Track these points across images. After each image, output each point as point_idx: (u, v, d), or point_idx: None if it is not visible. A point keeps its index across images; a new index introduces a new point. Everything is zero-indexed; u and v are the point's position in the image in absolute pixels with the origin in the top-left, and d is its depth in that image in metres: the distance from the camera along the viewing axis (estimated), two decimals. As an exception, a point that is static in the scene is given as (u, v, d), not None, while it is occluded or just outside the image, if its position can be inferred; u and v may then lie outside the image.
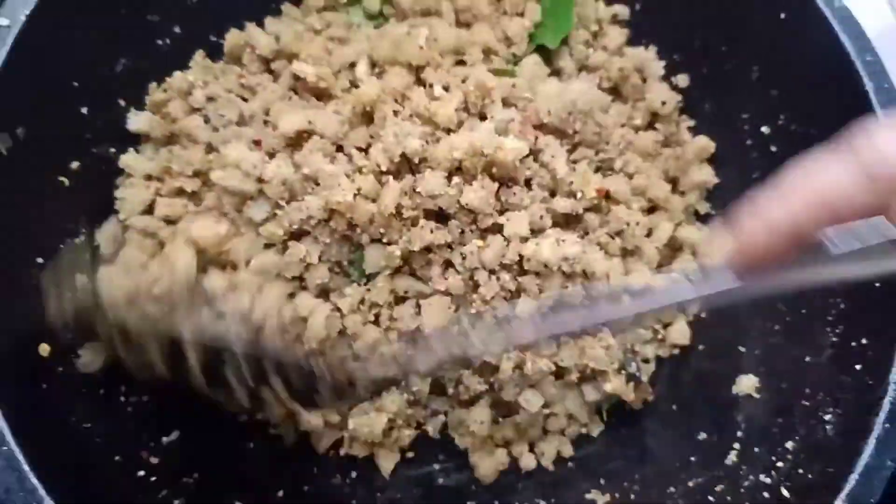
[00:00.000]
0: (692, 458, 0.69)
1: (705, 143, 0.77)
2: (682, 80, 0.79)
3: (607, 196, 0.72)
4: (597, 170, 0.73)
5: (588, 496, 0.69)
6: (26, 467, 0.52)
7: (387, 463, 0.72)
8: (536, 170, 0.69)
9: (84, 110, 0.67)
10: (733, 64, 0.75)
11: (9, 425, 0.53)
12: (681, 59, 0.79)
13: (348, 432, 0.70)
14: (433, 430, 0.74)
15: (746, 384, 0.70)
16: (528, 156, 0.67)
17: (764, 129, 0.73)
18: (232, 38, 0.75)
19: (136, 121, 0.71)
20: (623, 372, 0.71)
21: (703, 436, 0.70)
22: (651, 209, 0.77)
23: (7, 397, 0.53)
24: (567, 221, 0.70)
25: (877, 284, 0.62)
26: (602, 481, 0.71)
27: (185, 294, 0.56)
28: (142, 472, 0.61)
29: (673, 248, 0.77)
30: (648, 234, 0.75)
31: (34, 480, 0.52)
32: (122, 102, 0.71)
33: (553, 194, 0.70)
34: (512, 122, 0.67)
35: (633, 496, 0.69)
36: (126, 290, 0.56)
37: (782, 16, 0.69)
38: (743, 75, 0.74)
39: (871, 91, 0.63)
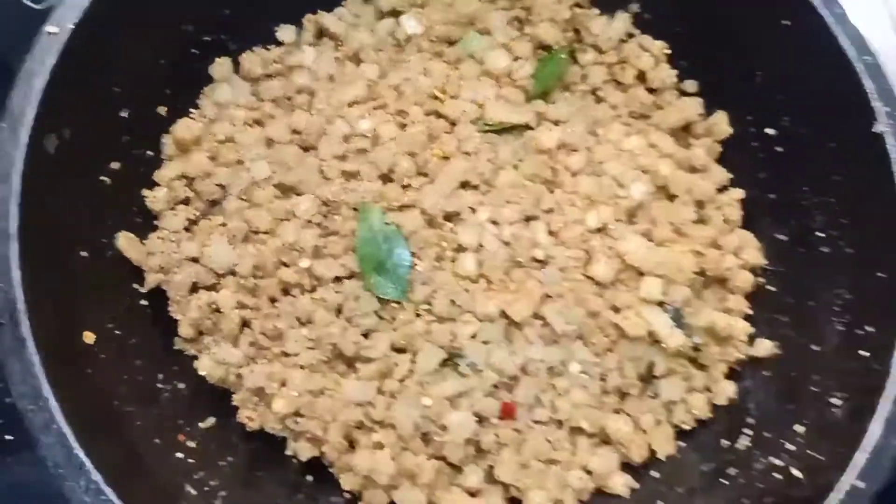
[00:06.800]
0: (706, 444, 0.71)
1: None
2: (691, 86, 0.82)
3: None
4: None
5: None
6: (74, 444, 0.54)
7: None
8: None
9: (124, 114, 0.70)
10: (739, 70, 0.78)
11: (59, 406, 0.55)
12: (688, 65, 0.81)
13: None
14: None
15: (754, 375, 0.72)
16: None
17: (769, 130, 0.76)
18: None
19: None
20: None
21: (715, 424, 0.72)
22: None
23: (56, 380, 0.56)
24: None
25: (879, 274, 0.65)
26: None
27: None
28: (180, 454, 0.64)
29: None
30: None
31: (82, 457, 0.54)
32: (161, 109, 0.74)
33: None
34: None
35: (652, 483, 0.71)
36: None
37: (784, 22, 0.71)
38: (748, 80, 0.77)
39: (871, 91, 0.66)
